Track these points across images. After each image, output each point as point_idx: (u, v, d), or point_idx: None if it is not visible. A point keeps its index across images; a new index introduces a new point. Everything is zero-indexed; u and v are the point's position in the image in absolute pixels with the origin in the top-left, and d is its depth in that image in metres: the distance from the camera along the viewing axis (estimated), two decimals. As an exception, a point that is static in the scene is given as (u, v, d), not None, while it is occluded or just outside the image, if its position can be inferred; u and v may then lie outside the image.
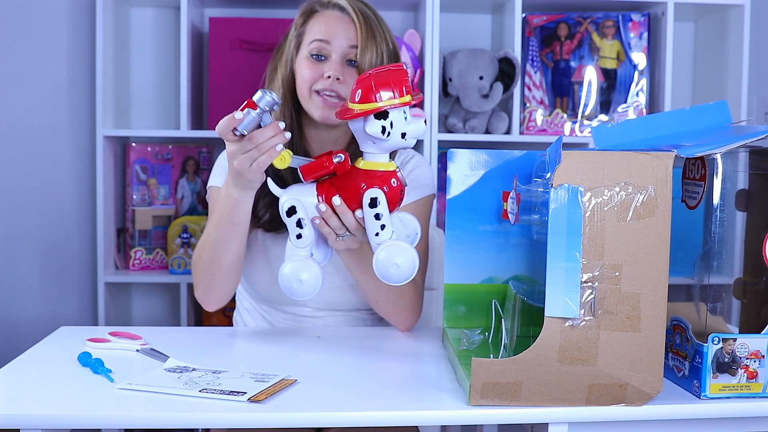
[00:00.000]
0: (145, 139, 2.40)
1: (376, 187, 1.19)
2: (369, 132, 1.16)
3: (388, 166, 1.21)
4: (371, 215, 1.19)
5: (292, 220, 1.23)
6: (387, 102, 1.15)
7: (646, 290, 1.02)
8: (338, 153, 1.21)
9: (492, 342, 1.30)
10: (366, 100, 1.15)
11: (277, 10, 2.44)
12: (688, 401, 1.08)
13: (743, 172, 1.20)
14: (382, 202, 1.18)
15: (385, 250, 1.18)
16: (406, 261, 1.18)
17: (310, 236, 1.24)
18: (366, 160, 1.21)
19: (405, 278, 1.19)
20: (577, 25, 2.37)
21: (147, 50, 2.46)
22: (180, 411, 1.03)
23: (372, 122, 1.16)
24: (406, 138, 1.17)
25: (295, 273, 1.22)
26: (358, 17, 1.46)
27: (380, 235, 1.19)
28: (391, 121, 1.15)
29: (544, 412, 1.04)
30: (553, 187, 1.01)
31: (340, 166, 1.21)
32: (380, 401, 1.09)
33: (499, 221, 1.34)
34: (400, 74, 1.17)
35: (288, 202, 1.23)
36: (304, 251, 1.24)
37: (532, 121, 2.37)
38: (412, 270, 1.19)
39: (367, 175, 1.20)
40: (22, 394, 1.09)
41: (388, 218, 1.19)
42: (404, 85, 1.16)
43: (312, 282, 1.22)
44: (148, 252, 2.37)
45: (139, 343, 1.31)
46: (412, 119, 1.17)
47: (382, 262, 1.18)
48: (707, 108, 1.17)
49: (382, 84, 1.15)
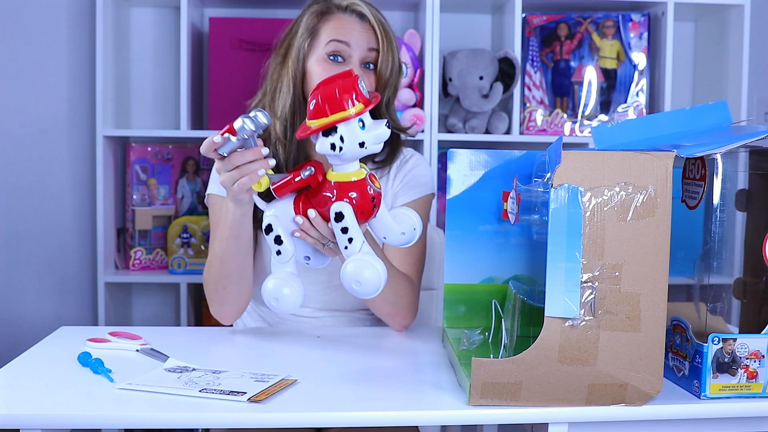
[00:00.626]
0: (145, 139, 2.40)
1: (343, 200, 1.18)
2: (319, 150, 1.14)
3: (358, 174, 1.18)
4: (338, 229, 1.18)
5: (270, 237, 1.23)
6: (334, 117, 1.12)
7: (646, 290, 1.02)
8: (308, 166, 1.19)
9: (492, 342, 1.30)
10: (316, 115, 1.14)
11: (277, 10, 2.44)
12: (688, 401, 1.08)
13: (743, 172, 1.20)
14: (348, 215, 1.17)
15: (354, 263, 1.17)
16: (372, 277, 1.16)
17: (290, 251, 1.23)
18: (335, 171, 1.19)
19: (368, 293, 1.17)
20: (577, 25, 2.37)
21: (147, 50, 2.46)
22: (180, 411, 1.03)
23: (320, 140, 1.14)
24: (366, 146, 1.14)
25: (277, 289, 1.22)
26: (378, 25, 1.46)
27: (349, 248, 1.18)
28: (341, 135, 1.13)
29: (544, 412, 1.04)
30: (553, 187, 1.01)
31: (311, 179, 1.19)
32: (380, 401, 1.09)
33: (499, 221, 1.34)
34: (347, 83, 1.14)
35: (266, 220, 1.23)
36: (288, 266, 1.24)
37: (532, 121, 2.37)
38: (377, 286, 1.17)
39: (335, 187, 1.19)
40: (22, 394, 1.09)
41: (357, 230, 1.18)
42: (353, 95, 1.13)
43: (292, 298, 1.22)
44: (148, 252, 2.37)
45: (139, 343, 1.31)
46: (372, 124, 1.15)
47: (348, 275, 1.17)
48: (707, 108, 1.17)
49: (329, 96, 1.13)
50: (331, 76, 1.17)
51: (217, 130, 2.27)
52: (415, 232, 1.26)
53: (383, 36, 1.46)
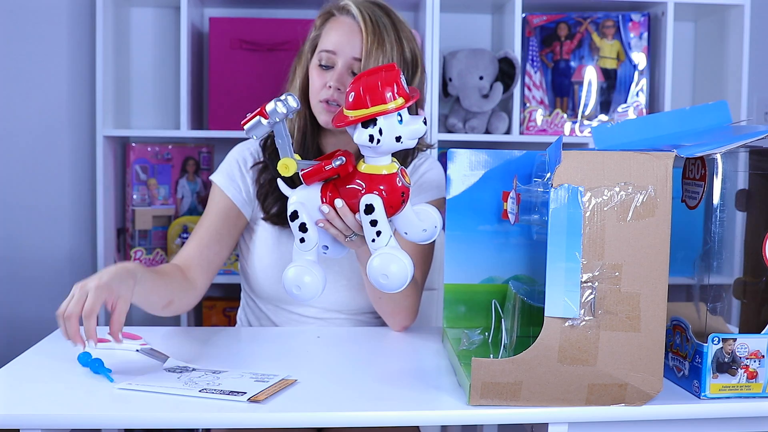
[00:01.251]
0: (145, 139, 2.40)
1: (373, 193, 1.17)
2: (356, 141, 1.14)
3: (389, 168, 1.18)
4: (367, 222, 1.17)
5: (295, 224, 1.21)
6: (375, 109, 1.12)
7: (646, 290, 1.02)
8: (339, 155, 1.19)
9: (492, 342, 1.30)
10: (355, 106, 1.13)
11: (277, 10, 2.44)
12: (688, 401, 1.08)
13: (743, 172, 1.20)
14: (378, 208, 1.16)
15: (380, 257, 1.16)
16: (399, 270, 1.16)
17: (314, 239, 1.22)
18: (367, 163, 1.19)
19: (395, 287, 1.17)
20: (577, 25, 2.37)
21: (147, 50, 2.46)
22: (180, 411, 1.03)
23: (359, 131, 1.14)
24: (402, 141, 1.14)
25: (298, 276, 1.21)
26: (366, 26, 1.44)
27: (376, 241, 1.17)
28: (380, 128, 1.13)
29: (544, 412, 1.04)
30: (553, 187, 1.01)
31: (341, 169, 1.19)
32: (380, 401, 1.09)
33: (499, 221, 1.34)
34: (389, 76, 1.13)
35: (292, 206, 1.22)
36: (309, 254, 1.23)
37: (532, 121, 2.37)
38: (404, 280, 1.17)
39: (366, 179, 1.18)
40: (22, 394, 1.09)
41: (386, 224, 1.17)
42: (395, 89, 1.13)
43: (313, 286, 1.21)
44: (148, 252, 2.37)
45: (139, 343, 1.31)
46: (410, 120, 1.14)
47: (375, 269, 1.17)
48: (707, 108, 1.17)
49: (369, 89, 1.12)
50: (374, 67, 1.17)
51: (218, 130, 2.29)
52: (436, 229, 1.25)
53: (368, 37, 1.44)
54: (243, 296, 1.65)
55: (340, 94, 1.45)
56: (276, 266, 1.52)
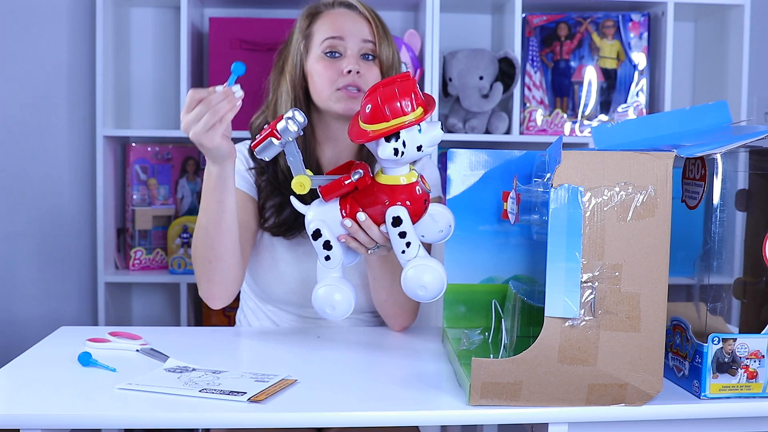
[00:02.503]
0: (145, 139, 2.40)
1: (398, 204, 1.15)
2: (382, 156, 1.11)
3: (409, 177, 1.16)
4: (395, 234, 1.15)
5: (319, 243, 1.19)
6: (396, 122, 1.09)
7: (646, 290, 1.02)
8: (356, 169, 1.16)
9: (492, 342, 1.30)
10: (374, 119, 1.10)
11: (277, 10, 2.44)
12: (688, 401, 1.08)
13: (743, 172, 1.20)
14: (405, 220, 1.14)
15: (414, 269, 1.14)
16: (434, 280, 1.14)
17: (339, 256, 1.20)
18: (386, 174, 1.16)
19: (432, 297, 1.15)
20: (577, 25, 2.37)
21: (147, 50, 2.46)
22: (180, 411, 1.03)
23: (383, 146, 1.10)
24: (423, 149, 1.12)
25: (329, 296, 1.19)
26: (370, 13, 1.47)
27: (407, 252, 1.15)
28: (404, 141, 1.10)
29: (544, 412, 1.04)
30: (553, 187, 1.01)
31: (360, 182, 1.16)
32: (380, 401, 1.09)
33: (499, 221, 1.34)
34: (407, 86, 1.10)
35: (313, 224, 1.19)
36: (335, 271, 1.21)
37: (532, 121, 2.37)
38: (440, 288, 1.15)
39: (387, 191, 1.16)
40: (22, 394, 1.09)
41: (414, 234, 1.15)
42: (414, 99, 1.10)
43: (345, 303, 1.19)
44: (148, 252, 2.37)
45: (139, 343, 1.31)
46: (428, 127, 1.11)
47: (411, 280, 1.15)
48: (707, 108, 1.17)
49: (389, 98, 1.09)
50: (389, 78, 1.13)
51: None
52: (451, 228, 1.23)
53: (377, 23, 1.46)
54: (242, 297, 1.65)
55: (359, 78, 1.43)
56: (273, 269, 1.52)
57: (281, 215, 1.49)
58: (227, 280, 1.41)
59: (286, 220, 1.48)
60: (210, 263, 1.38)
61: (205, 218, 1.35)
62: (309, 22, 1.50)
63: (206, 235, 1.36)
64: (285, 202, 1.47)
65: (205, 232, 1.35)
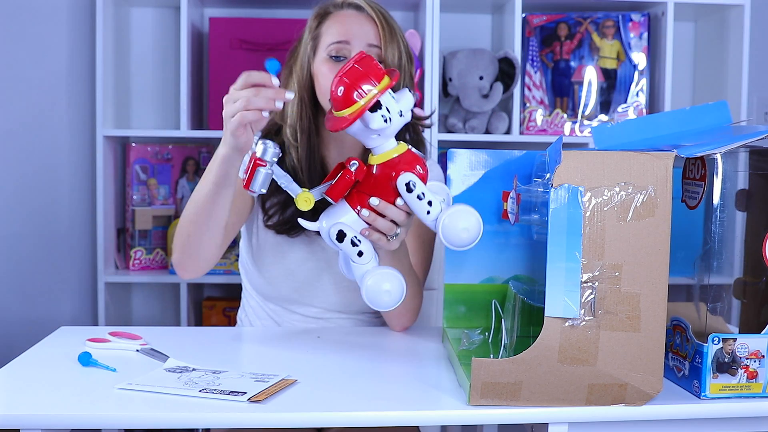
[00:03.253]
0: (145, 139, 2.41)
1: (405, 171, 1.17)
2: (374, 127, 1.13)
3: (400, 149, 1.18)
4: (413, 198, 1.16)
5: (347, 242, 1.19)
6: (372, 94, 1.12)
7: (646, 290, 1.02)
8: (350, 161, 1.17)
9: (492, 342, 1.30)
10: (349, 101, 1.13)
11: (277, 10, 2.44)
12: (688, 401, 1.08)
13: (743, 172, 1.20)
14: (417, 182, 1.16)
15: (449, 217, 1.15)
16: (472, 223, 1.15)
17: (370, 249, 1.20)
18: (378, 154, 1.18)
19: (474, 239, 1.16)
20: (577, 25, 2.37)
21: (147, 50, 2.46)
22: (180, 411, 1.03)
23: (371, 117, 1.13)
24: (403, 114, 1.15)
25: (378, 285, 1.18)
26: (377, 15, 1.46)
27: (432, 212, 1.17)
28: (387, 107, 1.13)
29: (544, 412, 1.04)
30: (553, 187, 1.01)
31: (359, 172, 1.18)
32: (380, 401, 1.09)
33: (499, 221, 1.34)
34: (367, 61, 1.14)
35: (334, 228, 1.19)
36: (370, 264, 1.20)
37: (532, 121, 2.37)
38: (480, 229, 1.16)
39: (387, 167, 1.18)
40: (22, 394, 1.09)
41: (430, 194, 1.17)
42: (377, 69, 1.14)
43: (398, 288, 1.19)
44: (148, 252, 2.37)
45: (139, 343, 1.31)
46: (398, 95, 1.16)
47: (450, 229, 1.15)
48: (707, 108, 1.17)
49: (358, 78, 1.13)
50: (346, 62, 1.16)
51: (217, 130, 2.29)
52: (449, 197, 1.25)
53: (383, 25, 1.46)
54: (243, 296, 1.65)
55: None
56: (277, 266, 1.52)
57: (285, 213, 1.49)
58: (200, 257, 1.41)
59: (290, 218, 1.48)
60: (189, 237, 1.38)
61: (198, 195, 1.35)
62: (318, 23, 1.49)
63: (194, 208, 1.36)
64: (288, 199, 1.47)
65: (194, 207, 1.36)
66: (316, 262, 1.51)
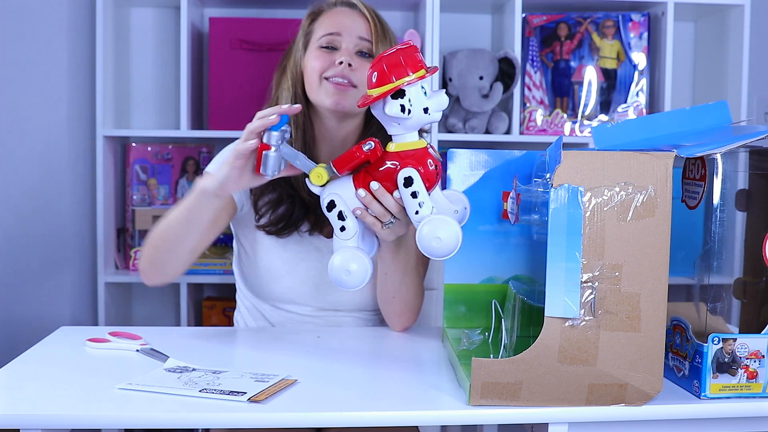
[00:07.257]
0: (145, 139, 2.40)
1: (409, 166, 1.18)
2: (389, 113, 1.15)
3: (418, 144, 1.19)
4: (408, 194, 1.18)
5: (333, 213, 1.22)
6: (401, 80, 1.14)
7: (646, 290, 1.02)
8: (368, 141, 1.19)
9: (492, 342, 1.30)
10: (381, 82, 1.16)
11: (277, 10, 2.44)
12: (688, 401, 1.08)
13: (743, 172, 1.20)
14: (417, 180, 1.17)
15: (428, 224, 1.16)
16: (449, 234, 1.15)
17: (354, 227, 1.22)
18: (395, 143, 1.20)
19: (448, 252, 1.16)
20: (577, 25, 2.37)
21: (147, 50, 2.46)
22: (180, 411, 1.03)
23: (390, 103, 1.15)
24: (430, 112, 1.16)
25: (344, 264, 1.20)
26: (370, 13, 1.49)
27: (420, 212, 1.18)
28: (409, 98, 1.15)
29: (544, 412, 1.04)
30: (553, 187, 1.01)
31: (371, 154, 1.20)
32: (380, 401, 1.09)
33: (499, 221, 1.34)
34: (410, 51, 1.17)
35: (328, 196, 1.22)
36: (351, 242, 1.23)
37: (532, 121, 2.37)
38: (456, 243, 1.16)
39: (398, 156, 1.19)
40: (22, 394, 1.09)
41: (426, 195, 1.18)
42: (417, 61, 1.16)
43: (361, 272, 1.21)
44: (148, 252, 2.37)
45: (139, 343, 1.31)
46: (433, 93, 1.17)
47: (425, 236, 1.16)
48: (707, 108, 1.17)
49: (394, 63, 1.15)
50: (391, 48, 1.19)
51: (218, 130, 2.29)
52: (467, 210, 1.26)
53: (375, 22, 1.48)
54: (238, 297, 1.65)
55: (350, 71, 1.44)
56: (268, 267, 1.51)
57: (277, 211, 1.49)
58: (165, 272, 1.45)
59: (282, 216, 1.49)
60: (157, 251, 1.42)
61: (171, 217, 1.38)
62: (311, 21, 1.52)
63: (166, 229, 1.39)
64: (280, 198, 1.48)
65: (167, 226, 1.39)
66: (309, 261, 1.51)
